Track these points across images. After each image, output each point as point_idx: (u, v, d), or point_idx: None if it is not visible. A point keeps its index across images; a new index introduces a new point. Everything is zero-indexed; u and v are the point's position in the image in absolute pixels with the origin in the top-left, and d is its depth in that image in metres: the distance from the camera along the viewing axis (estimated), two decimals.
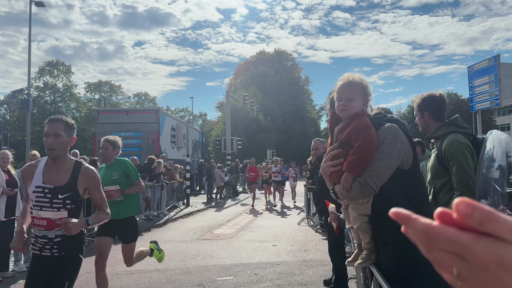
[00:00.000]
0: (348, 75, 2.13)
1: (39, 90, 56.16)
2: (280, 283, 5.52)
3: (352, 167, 1.96)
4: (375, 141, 1.98)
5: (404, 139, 2.02)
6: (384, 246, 1.97)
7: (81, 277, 6.09)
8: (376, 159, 1.96)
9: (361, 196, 1.98)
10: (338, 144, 2.08)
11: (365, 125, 2.00)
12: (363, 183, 1.93)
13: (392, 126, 2.04)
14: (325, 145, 5.27)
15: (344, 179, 2.00)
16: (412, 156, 2.04)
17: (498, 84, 16.78)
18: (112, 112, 19.88)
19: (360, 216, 2.04)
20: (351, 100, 2.07)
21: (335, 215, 3.54)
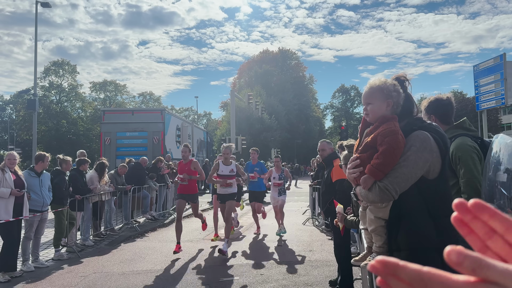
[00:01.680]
0: (369, 82, 2.17)
1: (44, 90, 56.47)
2: (286, 283, 5.55)
3: (375, 170, 1.97)
4: (401, 148, 1.96)
5: (433, 148, 1.97)
6: (398, 252, 1.97)
7: (89, 277, 6.16)
8: (400, 166, 1.94)
9: (379, 200, 1.98)
10: (362, 147, 2.09)
11: (392, 130, 1.99)
12: (383, 188, 1.93)
13: (422, 134, 2.00)
14: (332, 146, 5.29)
15: (364, 180, 2.01)
16: (440, 166, 1.99)
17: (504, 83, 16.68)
18: (117, 112, 19.99)
19: (377, 219, 2.05)
20: (370, 103, 2.10)
21: (342, 215, 3.56)
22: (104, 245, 8.62)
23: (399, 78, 2.19)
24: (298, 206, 15.72)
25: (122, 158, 14.80)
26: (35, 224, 6.81)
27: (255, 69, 63.28)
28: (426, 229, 1.90)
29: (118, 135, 16.89)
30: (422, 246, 1.89)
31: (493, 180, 2.43)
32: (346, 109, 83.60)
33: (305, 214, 12.80)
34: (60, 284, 5.80)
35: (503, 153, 2.44)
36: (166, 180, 12.84)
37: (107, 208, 9.62)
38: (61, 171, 7.72)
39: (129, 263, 6.98)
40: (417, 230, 1.91)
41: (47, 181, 7.13)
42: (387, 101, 2.08)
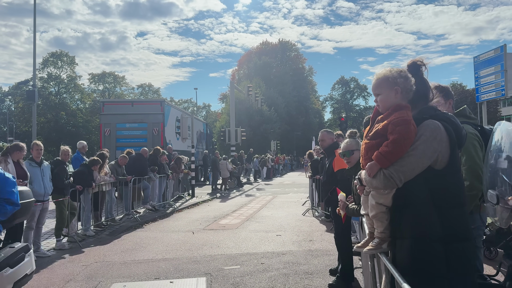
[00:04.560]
0: (376, 73, 2.18)
1: (43, 81, 56.21)
2: (286, 272, 5.59)
3: (382, 158, 1.97)
4: (412, 138, 1.95)
5: (443, 138, 1.96)
6: (401, 240, 1.98)
7: (91, 266, 6.20)
8: (408, 155, 1.93)
9: (383, 187, 1.99)
10: (372, 134, 2.09)
11: (405, 120, 1.98)
12: (388, 175, 1.94)
13: (432, 123, 1.99)
14: (332, 136, 5.29)
15: (370, 166, 2.02)
16: (449, 157, 1.96)
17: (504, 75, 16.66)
18: (117, 103, 19.96)
19: (379, 205, 2.06)
20: (378, 94, 2.13)
21: (344, 203, 3.57)
22: (105, 235, 8.66)
23: (415, 62, 2.17)
24: (297, 197, 15.79)
25: (122, 150, 14.79)
26: (37, 213, 6.84)
27: (255, 60, 63.00)
28: (431, 220, 1.91)
29: (118, 127, 16.86)
30: (426, 236, 1.91)
31: (495, 167, 2.45)
32: (346, 101, 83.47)
33: (305, 205, 12.86)
34: (62, 273, 5.84)
35: (505, 140, 2.45)
36: (166, 171, 12.86)
37: (108, 198, 9.65)
38: (61, 161, 7.74)
39: (130, 253, 7.03)
40: (421, 219, 1.92)
41: (47, 171, 7.15)
42: (395, 89, 2.07)
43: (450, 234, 1.89)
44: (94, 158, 8.91)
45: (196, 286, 5.12)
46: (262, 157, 29.96)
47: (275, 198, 15.87)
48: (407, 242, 1.94)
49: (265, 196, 16.80)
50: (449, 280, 1.83)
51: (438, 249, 1.87)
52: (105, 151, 9.73)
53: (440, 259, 1.86)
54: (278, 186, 22.70)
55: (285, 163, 40.30)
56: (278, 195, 16.89)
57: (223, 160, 19.50)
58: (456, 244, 1.89)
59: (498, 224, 2.45)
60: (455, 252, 1.87)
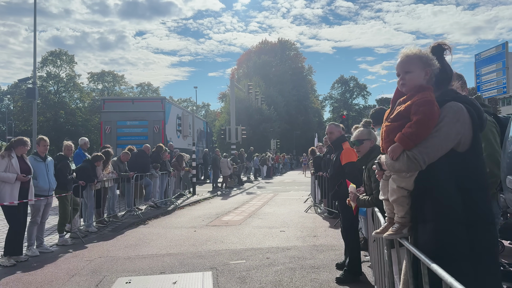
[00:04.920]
0: (403, 50, 2.09)
1: (42, 80, 56.07)
2: (292, 266, 5.55)
3: (405, 139, 1.92)
4: (436, 119, 1.91)
5: (466, 120, 1.92)
6: (424, 223, 1.94)
7: (95, 261, 6.16)
8: (431, 136, 1.90)
9: (406, 169, 1.94)
10: (394, 115, 2.04)
11: (428, 100, 1.94)
12: (412, 157, 1.90)
13: (455, 105, 1.95)
14: (340, 129, 5.25)
15: (393, 148, 1.97)
16: (471, 139, 1.93)
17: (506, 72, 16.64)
18: (117, 101, 19.89)
19: (400, 189, 2.02)
20: (408, 72, 2.03)
21: (355, 195, 3.55)
22: (107, 231, 8.62)
23: (440, 45, 2.12)
24: (299, 195, 15.75)
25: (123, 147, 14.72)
26: (42, 208, 6.79)
27: (254, 59, 62.93)
28: (453, 202, 1.87)
29: (119, 124, 16.80)
30: (449, 219, 1.87)
31: None
32: (345, 100, 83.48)
33: (307, 202, 12.83)
34: (66, 268, 5.79)
35: None
36: (168, 168, 12.82)
37: (110, 195, 9.60)
38: (64, 156, 7.69)
39: (134, 248, 6.98)
40: (444, 202, 1.88)
41: (51, 166, 7.11)
42: (426, 70, 2.03)
43: (473, 216, 1.86)
44: (97, 154, 8.87)
45: (202, 280, 5.08)
46: (263, 155, 29.92)
47: (277, 196, 15.83)
48: (430, 225, 1.90)
49: (266, 194, 16.77)
50: (473, 263, 1.80)
51: (462, 231, 1.84)
52: (110, 149, 9.67)
53: (464, 242, 1.83)
54: (279, 184, 22.67)
55: (285, 162, 40.27)
56: (279, 193, 16.86)
57: (224, 158, 19.46)
58: (480, 227, 1.85)
59: None
60: (479, 235, 1.84)
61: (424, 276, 1.74)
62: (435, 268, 1.52)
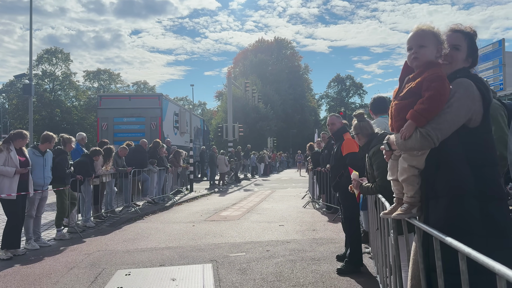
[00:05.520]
0: (417, 25, 2.06)
1: (38, 78, 55.70)
2: (293, 258, 5.53)
3: (418, 116, 1.90)
4: (447, 94, 1.89)
5: (476, 97, 1.91)
6: (436, 199, 1.92)
7: (94, 254, 6.11)
8: (444, 112, 1.88)
9: (419, 147, 1.92)
10: (404, 93, 2.01)
11: (440, 76, 1.91)
12: (425, 134, 1.87)
13: (465, 81, 1.94)
14: (341, 120, 5.24)
15: (406, 127, 1.94)
16: (482, 115, 1.92)
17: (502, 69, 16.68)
18: (114, 97, 19.81)
19: (411, 168, 2.00)
20: (423, 46, 2.00)
21: (358, 182, 3.53)
22: (105, 226, 8.56)
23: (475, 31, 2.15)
24: (296, 191, 15.75)
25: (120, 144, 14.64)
26: (36, 202, 6.72)
27: (251, 58, 62.87)
28: (465, 177, 1.86)
29: (115, 121, 16.71)
30: (461, 194, 1.85)
31: None
32: (342, 98, 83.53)
33: (305, 198, 12.82)
34: (65, 261, 5.74)
35: None
36: (165, 164, 12.76)
37: (108, 190, 9.54)
38: (63, 150, 7.62)
39: (132, 242, 6.94)
40: (456, 177, 1.87)
41: (50, 160, 7.04)
42: (438, 47, 2.01)
43: (484, 192, 1.84)
44: (96, 148, 8.80)
45: (202, 272, 5.05)
46: (260, 153, 29.90)
47: (274, 192, 15.82)
48: (442, 200, 1.89)
49: (264, 190, 16.74)
50: (485, 238, 1.78)
51: (475, 206, 1.82)
52: (111, 146, 9.59)
53: (477, 216, 1.81)
54: (276, 181, 22.66)
55: (281, 160, 40.27)
56: (276, 190, 16.84)
57: (221, 155, 19.41)
58: (491, 203, 1.84)
59: None
60: (490, 211, 1.82)
61: (437, 252, 1.71)
62: (449, 241, 1.50)
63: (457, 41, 2.08)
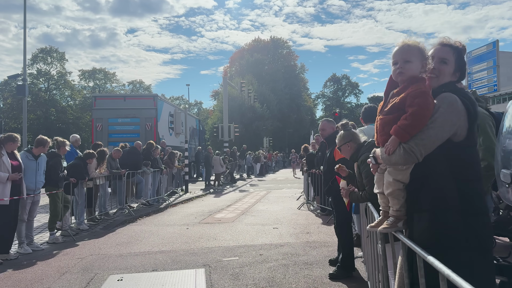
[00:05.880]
0: (404, 40, 2.08)
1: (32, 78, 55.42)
2: (286, 262, 5.54)
3: (401, 132, 1.91)
4: (431, 110, 1.90)
5: (461, 112, 1.91)
6: (420, 213, 1.94)
7: (86, 258, 6.10)
8: (427, 127, 1.89)
9: (403, 162, 1.93)
10: (389, 108, 2.02)
11: (423, 92, 1.93)
12: (408, 150, 1.89)
13: (450, 96, 1.94)
14: (333, 125, 5.24)
15: (390, 142, 1.96)
16: (467, 130, 1.93)
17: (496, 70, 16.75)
18: (109, 98, 19.73)
19: (396, 182, 2.01)
20: (408, 61, 2.01)
21: (347, 190, 3.54)
22: (99, 229, 8.54)
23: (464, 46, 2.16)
24: (292, 192, 15.76)
25: (114, 145, 14.61)
26: (28, 206, 6.68)
27: (247, 57, 62.81)
28: (449, 192, 1.87)
29: (110, 121, 16.65)
30: (445, 208, 1.87)
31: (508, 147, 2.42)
32: (338, 98, 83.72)
33: (299, 200, 12.83)
34: (57, 266, 5.72)
35: None
36: (160, 165, 12.74)
37: (102, 192, 9.51)
38: (57, 153, 7.58)
39: (126, 246, 6.92)
40: (440, 192, 1.88)
41: (43, 164, 7.00)
42: (423, 63, 2.03)
43: (469, 206, 1.86)
44: (89, 151, 8.77)
45: (195, 277, 5.05)
46: (256, 153, 29.91)
47: (269, 193, 15.83)
48: (426, 214, 1.90)
49: (259, 191, 16.75)
50: (468, 253, 1.79)
51: (458, 221, 1.84)
52: (105, 148, 9.56)
53: (460, 231, 1.83)
54: (272, 182, 22.67)
55: (277, 160, 40.30)
56: (272, 191, 16.85)
57: (216, 156, 19.40)
58: (474, 218, 1.85)
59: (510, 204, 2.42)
60: (473, 226, 1.84)
61: (420, 269, 1.73)
62: (431, 260, 1.51)
63: (445, 55, 2.09)
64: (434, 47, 2.13)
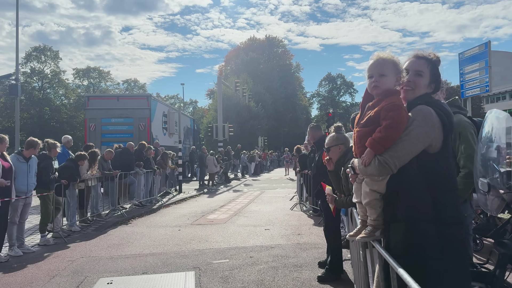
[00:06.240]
0: (378, 53, 2.12)
1: (26, 76, 55.02)
2: (275, 265, 5.58)
3: (376, 144, 1.95)
4: (405, 123, 1.94)
5: (436, 124, 1.95)
6: (395, 223, 1.98)
7: (77, 261, 6.10)
8: (401, 140, 1.93)
9: (378, 174, 1.97)
10: (364, 121, 2.06)
11: (397, 105, 1.97)
12: (383, 162, 1.93)
13: (425, 108, 1.98)
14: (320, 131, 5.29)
15: (366, 154, 2.00)
16: (442, 141, 1.96)
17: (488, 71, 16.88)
18: (102, 98, 19.65)
19: (373, 192, 2.05)
20: (383, 75, 2.05)
21: (332, 197, 3.57)
22: (91, 230, 8.53)
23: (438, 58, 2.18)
24: (285, 192, 15.81)
25: (108, 145, 14.59)
26: (19, 208, 6.67)
27: (242, 56, 62.76)
28: (424, 202, 1.91)
29: (103, 121, 16.60)
30: (420, 218, 1.90)
31: (486, 156, 2.46)
32: (333, 97, 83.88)
33: (293, 200, 12.88)
34: (47, 269, 5.72)
35: (496, 128, 2.47)
36: (153, 166, 12.73)
37: (94, 194, 9.50)
38: (48, 155, 7.56)
39: (117, 248, 6.93)
40: (415, 202, 1.92)
41: (34, 166, 6.97)
42: (397, 76, 2.07)
43: (443, 217, 1.90)
44: (81, 153, 8.75)
45: (184, 280, 5.07)
46: (251, 153, 29.93)
47: (263, 193, 15.86)
48: (401, 225, 1.94)
49: (253, 191, 16.78)
50: (443, 263, 1.83)
51: (432, 231, 1.88)
52: (97, 149, 9.54)
53: (434, 241, 1.87)
54: (266, 181, 22.71)
55: (272, 159, 40.34)
56: (266, 191, 16.89)
57: (210, 156, 19.41)
58: (448, 227, 1.89)
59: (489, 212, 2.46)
60: (448, 235, 1.88)
61: (393, 280, 1.76)
62: (401, 273, 1.54)
63: (420, 67, 2.12)
64: (409, 59, 2.16)
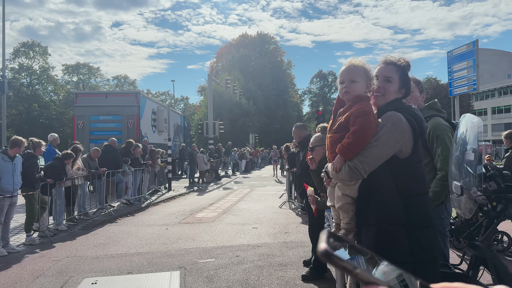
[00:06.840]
0: (350, 60, 2.14)
1: (14, 72, 54.34)
2: (261, 264, 5.61)
3: (345, 150, 1.98)
4: (373, 129, 1.97)
5: (405, 129, 1.98)
6: (367, 227, 2.01)
7: (62, 261, 6.07)
8: (371, 145, 1.96)
9: (348, 179, 2.01)
10: (336, 127, 2.09)
11: (365, 111, 1.99)
12: (353, 167, 1.96)
13: (394, 114, 2.01)
14: (306, 131, 5.32)
15: (336, 159, 2.03)
16: (412, 146, 2.00)
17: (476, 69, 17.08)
18: (90, 95, 19.43)
19: (345, 196, 2.08)
20: (354, 81, 2.07)
21: (313, 197, 3.60)
22: (77, 229, 8.48)
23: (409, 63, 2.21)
24: (275, 190, 15.86)
25: (96, 142, 14.50)
26: (5, 208, 6.62)
27: (233, 53, 62.64)
28: (395, 206, 1.94)
29: (92, 119, 16.46)
30: (390, 222, 1.94)
31: (459, 159, 2.50)
32: (324, 94, 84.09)
33: (282, 198, 12.93)
34: (32, 269, 5.69)
35: (469, 133, 2.51)
36: (141, 164, 12.67)
37: (81, 192, 9.44)
38: (33, 154, 7.50)
39: (103, 247, 6.91)
40: (386, 206, 1.95)
41: (19, 165, 6.92)
42: (368, 83, 2.09)
43: (413, 220, 1.93)
44: (67, 151, 8.69)
45: (169, 280, 5.07)
46: (242, 150, 29.93)
47: (253, 191, 15.89)
48: (372, 228, 1.97)
49: (243, 189, 16.80)
50: (413, 266, 1.87)
51: (402, 234, 1.91)
52: (78, 144, 9.48)
53: (405, 244, 1.90)
54: (256, 179, 22.74)
55: (263, 156, 40.39)
56: (256, 188, 16.92)
57: (200, 154, 19.38)
58: (419, 231, 1.93)
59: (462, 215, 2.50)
60: (418, 239, 1.92)
61: None
62: None
63: (389, 73, 2.15)
64: (379, 65, 2.19)
